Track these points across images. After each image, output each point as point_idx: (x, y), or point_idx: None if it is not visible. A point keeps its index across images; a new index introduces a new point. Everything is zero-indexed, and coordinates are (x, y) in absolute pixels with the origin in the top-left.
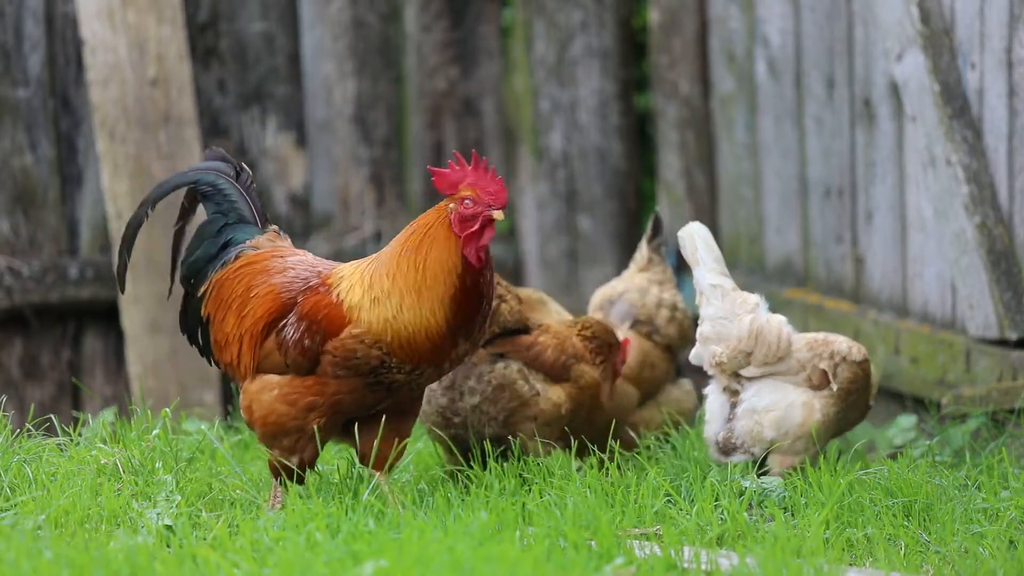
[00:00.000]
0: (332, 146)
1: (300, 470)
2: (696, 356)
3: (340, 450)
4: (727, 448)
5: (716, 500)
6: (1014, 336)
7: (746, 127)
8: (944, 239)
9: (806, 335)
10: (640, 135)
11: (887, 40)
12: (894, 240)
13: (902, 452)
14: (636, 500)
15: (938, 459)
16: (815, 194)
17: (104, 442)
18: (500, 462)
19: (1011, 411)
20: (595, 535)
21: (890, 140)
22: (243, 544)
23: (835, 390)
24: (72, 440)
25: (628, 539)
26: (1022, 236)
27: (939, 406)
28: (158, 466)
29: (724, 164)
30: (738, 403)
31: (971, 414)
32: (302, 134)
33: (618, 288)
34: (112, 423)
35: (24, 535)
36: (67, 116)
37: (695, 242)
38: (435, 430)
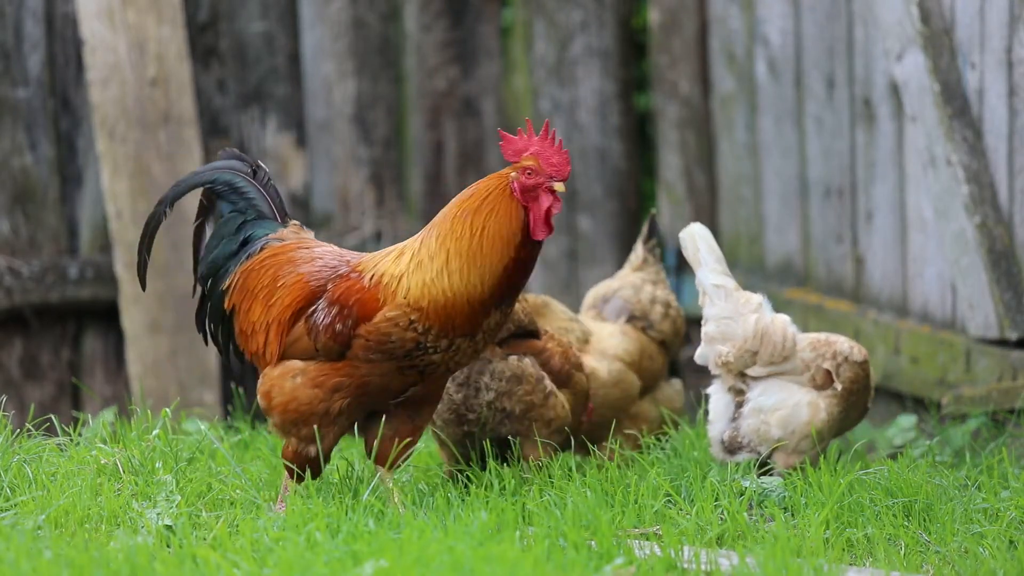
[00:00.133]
0: (332, 146)
1: (319, 459)
2: (701, 356)
3: (339, 450)
4: (733, 447)
5: (716, 500)
6: (1014, 336)
7: (746, 127)
8: (944, 239)
9: (808, 335)
10: (640, 135)
11: (887, 40)
12: (894, 240)
13: (902, 452)
14: (636, 500)
15: (938, 459)
16: (815, 194)
17: (104, 442)
18: (500, 463)
19: (1011, 411)
20: (595, 535)
21: (890, 140)
22: (243, 544)
23: (839, 389)
24: (72, 440)
25: (628, 539)
26: (1022, 236)
27: (939, 406)
28: (158, 466)
29: (724, 164)
30: (744, 402)
31: (971, 414)
32: (302, 134)
33: (612, 286)
34: (112, 423)
35: (24, 535)
36: (67, 116)
37: (696, 243)
38: (445, 430)
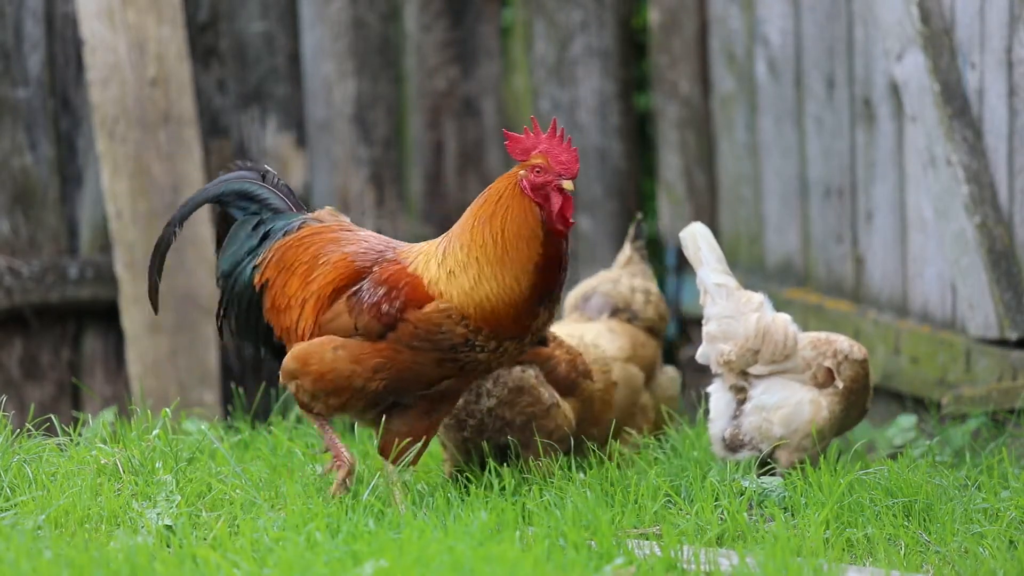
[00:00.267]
0: (332, 146)
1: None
2: (703, 355)
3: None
4: (734, 445)
5: (716, 500)
6: (1014, 336)
7: (746, 127)
8: (944, 239)
9: (808, 334)
10: (640, 135)
11: (887, 40)
12: (894, 240)
13: (902, 452)
14: (636, 500)
15: (938, 459)
16: (815, 194)
17: (104, 442)
18: (500, 463)
19: (1011, 411)
20: (595, 535)
21: (890, 140)
22: (243, 544)
23: (840, 387)
24: (72, 440)
25: (628, 539)
26: (1022, 236)
27: (939, 406)
28: (158, 466)
29: (724, 164)
30: (746, 400)
31: (971, 414)
32: (302, 134)
33: (591, 284)
34: (112, 423)
35: (24, 535)
36: (67, 116)
37: (697, 242)
38: (446, 434)
